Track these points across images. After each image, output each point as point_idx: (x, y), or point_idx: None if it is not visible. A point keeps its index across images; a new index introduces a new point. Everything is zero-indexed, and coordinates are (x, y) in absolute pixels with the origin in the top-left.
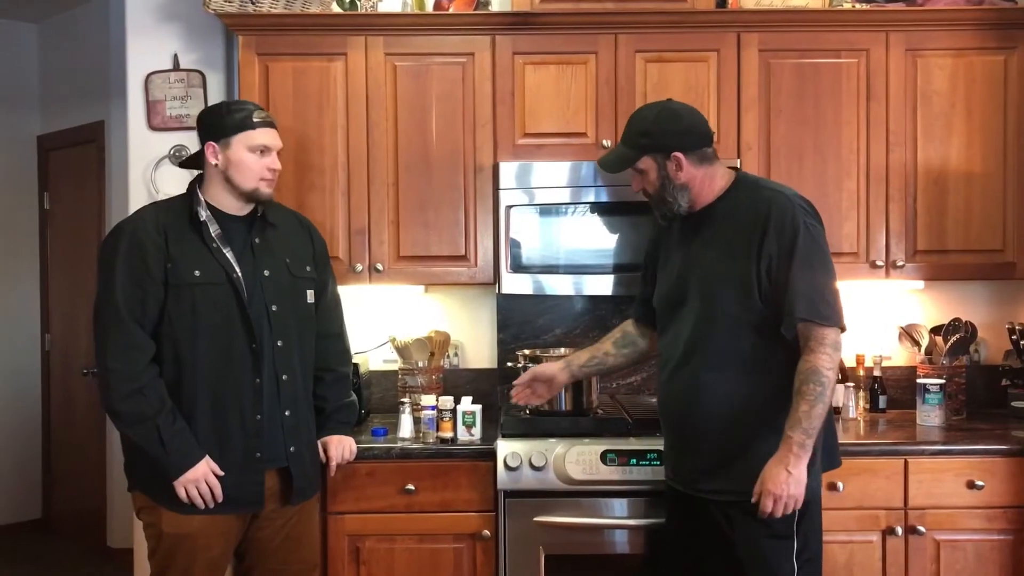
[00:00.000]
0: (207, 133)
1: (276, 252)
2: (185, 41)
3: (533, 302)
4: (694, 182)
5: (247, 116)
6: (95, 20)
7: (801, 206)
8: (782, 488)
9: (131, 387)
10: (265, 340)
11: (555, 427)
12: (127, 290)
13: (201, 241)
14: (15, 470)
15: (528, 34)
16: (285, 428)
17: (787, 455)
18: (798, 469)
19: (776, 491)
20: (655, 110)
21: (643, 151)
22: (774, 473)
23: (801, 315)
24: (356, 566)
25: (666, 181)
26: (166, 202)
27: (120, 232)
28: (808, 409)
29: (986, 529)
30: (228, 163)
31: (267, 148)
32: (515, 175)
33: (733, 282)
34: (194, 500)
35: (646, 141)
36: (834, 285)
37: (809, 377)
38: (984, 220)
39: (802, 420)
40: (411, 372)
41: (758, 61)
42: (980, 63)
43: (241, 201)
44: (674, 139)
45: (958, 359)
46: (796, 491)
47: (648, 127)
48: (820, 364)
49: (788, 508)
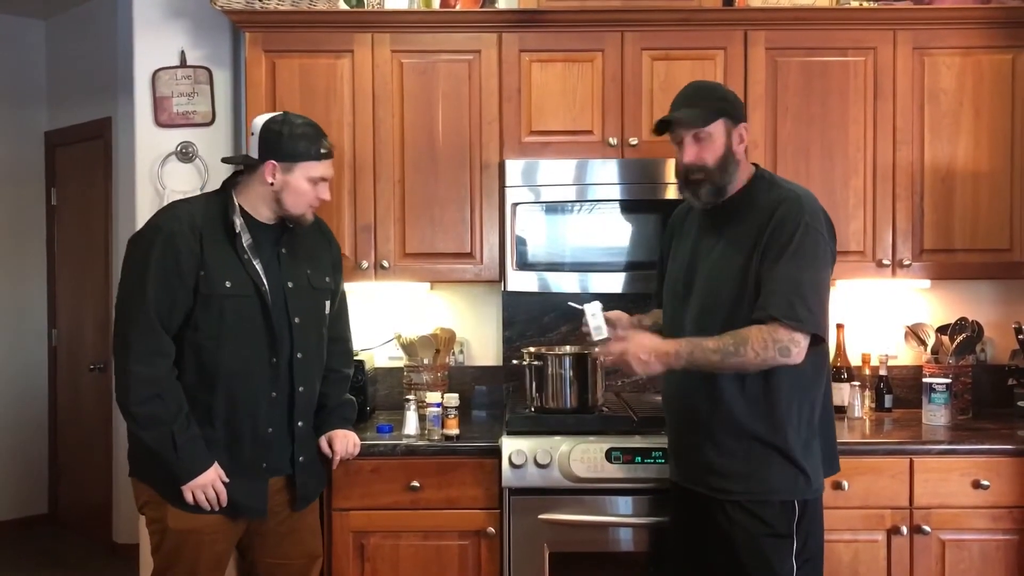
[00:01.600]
0: (271, 151)
1: (300, 263)
2: (192, 38)
3: (539, 300)
4: (742, 161)
5: (316, 146)
6: (102, 16)
7: (810, 210)
8: (645, 364)
9: (151, 391)
10: (284, 353)
11: (560, 425)
12: (158, 294)
13: (232, 250)
14: (22, 465)
15: (535, 31)
16: (296, 438)
17: (673, 354)
18: (657, 359)
19: (644, 358)
20: (715, 84)
21: (721, 114)
22: (654, 346)
23: (772, 312)
24: (361, 563)
25: (727, 150)
26: (200, 202)
27: (156, 232)
28: (711, 347)
29: (991, 529)
30: (285, 186)
31: (324, 179)
32: (521, 173)
33: (735, 279)
34: (200, 504)
35: (725, 106)
36: (821, 294)
37: (739, 340)
38: (991, 219)
39: (696, 348)
40: (416, 369)
41: (765, 59)
42: (988, 61)
43: (279, 216)
44: (742, 112)
45: (964, 358)
46: (643, 370)
47: (725, 94)
48: (755, 343)
49: (609, 360)
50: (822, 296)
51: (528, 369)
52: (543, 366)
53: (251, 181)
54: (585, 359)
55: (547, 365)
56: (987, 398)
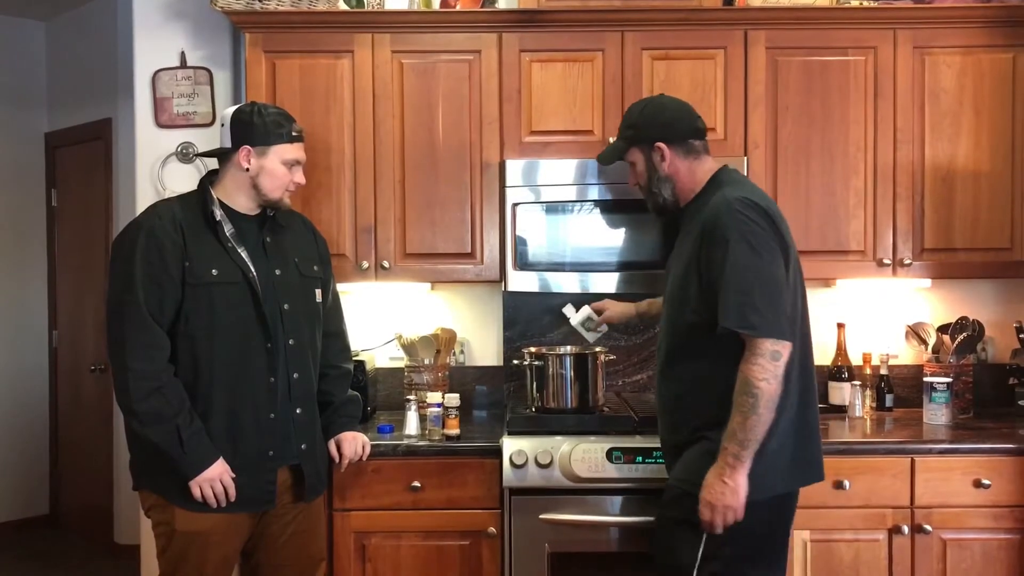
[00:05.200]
0: (244, 136)
1: (286, 252)
2: (192, 39)
3: (539, 300)
4: (678, 175)
5: (288, 128)
6: (103, 18)
7: (738, 210)
8: (718, 498)
9: (151, 387)
10: (279, 339)
11: (561, 425)
12: (147, 288)
13: (216, 240)
14: (23, 466)
15: (535, 31)
16: (297, 426)
17: (723, 466)
18: (734, 480)
19: (712, 499)
20: (643, 104)
21: (631, 143)
22: (710, 482)
23: (729, 324)
24: (362, 563)
25: (652, 172)
26: (178, 199)
27: (137, 229)
28: (741, 421)
29: (993, 528)
30: (260, 170)
31: (298, 162)
32: (521, 173)
33: (687, 287)
34: (208, 499)
35: (632, 132)
36: (770, 292)
37: (741, 388)
38: (992, 218)
39: (736, 432)
40: (417, 370)
41: (765, 59)
42: (988, 61)
43: (258, 204)
44: (658, 130)
45: (965, 358)
46: (733, 501)
47: (635, 119)
48: (751, 375)
49: (728, 518)
50: (772, 296)
51: (529, 369)
52: (544, 366)
53: (227, 171)
54: (586, 359)
55: (548, 365)
56: (988, 397)
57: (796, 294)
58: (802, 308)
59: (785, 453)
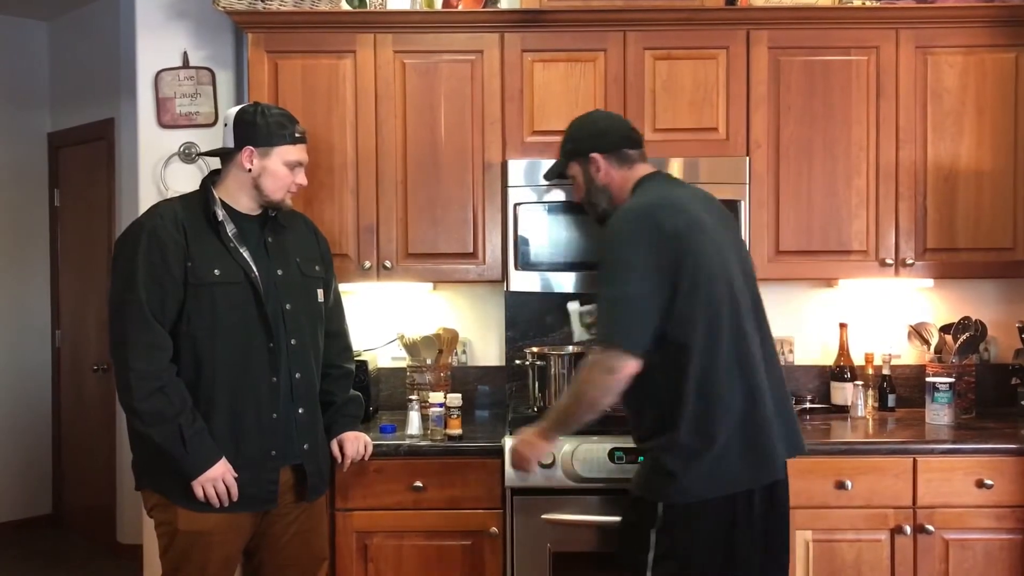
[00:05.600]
0: (247, 136)
1: (287, 252)
2: (195, 39)
3: (541, 299)
4: (613, 184)
5: (291, 130)
6: (105, 18)
7: (619, 218)
8: (517, 443)
9: (153, 386)
10: (281, 339)
11: None
12: (149, 288)
13: (218, 240)
14: (25, 466)
15: (537, 31)
16: (299, 426)
17: (538, 425)
18: (536, 440)
19: (515, 444)
20: (579, 119)
21: (569, 157)
22: (523, 431)
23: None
24: (364, 563)
25: (590, 184)
26: (180, 199)
27: (140, 229)
28: (560, 404)
29: (995, 528)
30: (263, 171)
31: (301, 164)
32: (524, 173)
33: None
34: (211, 499)
35: (571, 147)
36: (623, 300)
37: (575, 379)
38: (994, 218)
39: (552, 410)
40: (419, 369)
41: (768, 58)
42: (991, 60)
43: (259, 205)
44: (590, 141)
45: (968, 358)
46: (526, 452)
47: (571, 135)
48: (579, 375)
49: (516, 463)
50: (625, 308)
51: (531, 369)
52: (546, 366)
53: (229, 171)
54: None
55: (550, 365)
56: (990, 397)
57: (694, 299)
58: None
59: (732, 453)
